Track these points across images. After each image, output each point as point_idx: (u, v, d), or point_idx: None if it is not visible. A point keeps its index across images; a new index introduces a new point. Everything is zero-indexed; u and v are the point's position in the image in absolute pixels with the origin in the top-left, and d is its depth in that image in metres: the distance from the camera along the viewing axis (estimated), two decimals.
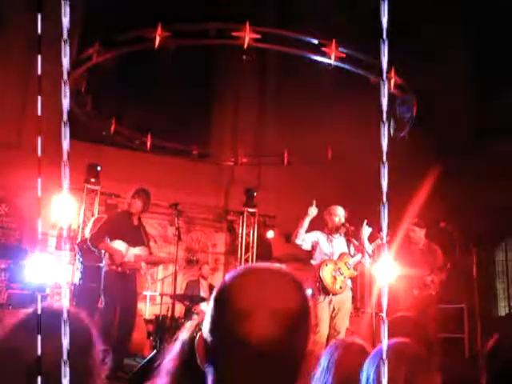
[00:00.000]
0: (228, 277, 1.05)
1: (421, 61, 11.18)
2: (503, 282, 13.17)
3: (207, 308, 1.04)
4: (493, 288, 13.19)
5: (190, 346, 1.10)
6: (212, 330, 1.00)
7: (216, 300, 1.02)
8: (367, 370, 1.66)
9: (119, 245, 5.88)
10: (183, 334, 1.37)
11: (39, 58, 1.05)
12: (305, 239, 6.12)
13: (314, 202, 6.10)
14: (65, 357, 0.98)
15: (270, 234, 11.99)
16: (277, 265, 1.05)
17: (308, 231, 6.16)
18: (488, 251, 13.02)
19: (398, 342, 1.69)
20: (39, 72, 1.04)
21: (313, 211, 6.07)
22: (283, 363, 0.96)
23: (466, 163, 12.13)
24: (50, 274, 9.52)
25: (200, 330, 1.05)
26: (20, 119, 11.02)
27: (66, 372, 0.99)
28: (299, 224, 6.08)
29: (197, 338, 1.05)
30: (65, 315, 1.00)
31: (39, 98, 1.04)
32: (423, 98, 9.00)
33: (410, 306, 6.95)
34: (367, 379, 1.63)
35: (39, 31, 1.03)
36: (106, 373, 1.39)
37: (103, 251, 5.88)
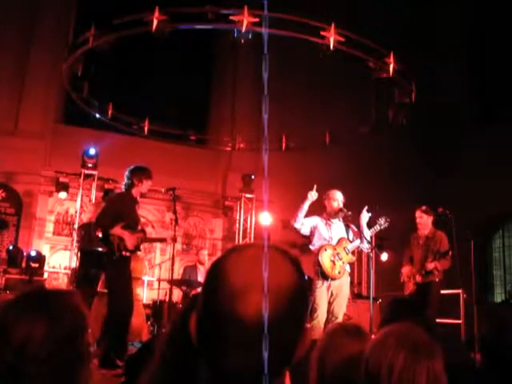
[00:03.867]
0: (221, 255, 1.03)
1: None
2: (499, 268, 13.23)
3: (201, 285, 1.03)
4: (489, 274, 13.26)
5: (182, 326, 1.08)
6: (205, 309, 0.98)
7: (209, 278, 1.00)
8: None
9: (128, 228, 5.76)
10: (175, 316, 1.37)
11: None
12: (303, 223, 6.11)
13: (315, 187, 6.08)
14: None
15: (268, 221, 11.97)
16: (272, 244, 1.03)
17: (307, 216, 6.16)
18: (485, 238, 13.07)
19: (399, 326, 1.68)
20: None
21: (313, 195, 6.05)
22: (278, 343, 0.94)
23: (464, 149, 12.13)
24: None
25: (193, 308, 1.03)
26: (17, 105, 10.97)
27: None
28: (299, 208, 6.07)
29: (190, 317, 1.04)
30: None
31: None
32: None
33: (412, 291, 6.99)
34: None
35: None
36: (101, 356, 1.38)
37: (111, 236, 5.62)
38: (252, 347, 0.91)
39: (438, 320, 7.23)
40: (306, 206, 6.07)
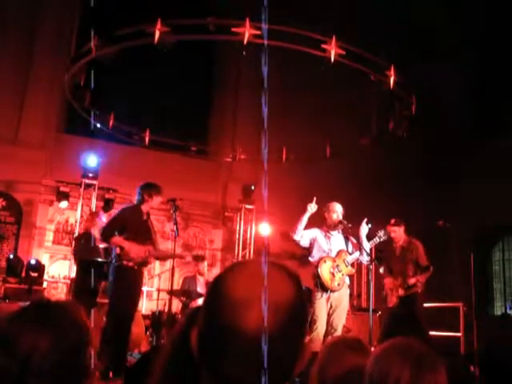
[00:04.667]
0: (223, 269, 1.05)
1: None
2: (500, 281, 13.20)
3: (202, 300, 1.04)
4: (489, 287, 13.23)
5: (183, 339, 1.09)
6: (207, 323, 0.99)
7: (210, 293, 1.02)
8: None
9: (133, 240, 5.84)
10: (175, 330, 1.37)
11: None
12: (303, 236, 6.12)
13: (315, 199, 6.09)
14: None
15: (266, 231, 12.00)
16: (272, 259, 1.05)
17: (307, 228, 6.16)
18: (485, 250, 13.06)
19: (402, 341, 1.68)
20: None
21: (312, 208, 6.06)
22: (278, 357, 0.95)
23: (463, 162, 12.14)
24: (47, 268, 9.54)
25: (193, 322, 1.04)
26: (18, 114, 11.00)
27: None
28: (298, 220, 6.08)
29: (191, 331, 1.05)
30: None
31: None
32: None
33: (395, 304, 6.96)
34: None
35: None
36: (101, 368, 1.38)
37: (114, 246, 5.78)
38: (253, 361, 0.92)
39: (438, 333, 7.22)
40: (305, 218, 6.08)
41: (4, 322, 1.21)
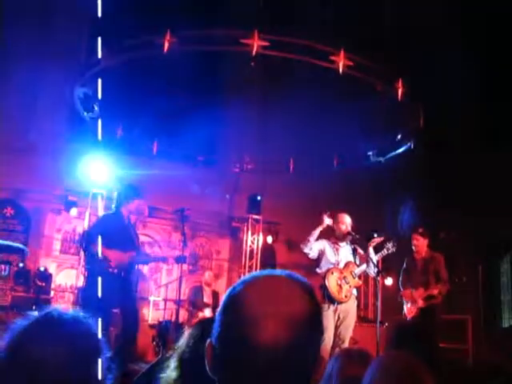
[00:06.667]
0: (237, 283, 1.04)
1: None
2: (508, 293, 13.12)
3: (215, 314, 1.04)
4: (497, 299, 13.14)
5: (192, 352, 1.09)
6: (221, 337, 0.99)
7: (225, 307, 1.01)
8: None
9: (113, 246, 5.78)
10: (182, 344, 1.36)
11: None
12: (312, 248, 6.11)
13: (328, 213, 6.11)
14: None
15: (269, 240, 12.01)
16: (286, 271, 1.04)
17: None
18: (493, 262, 12.99)
19: (387, 355, 1.69)
20: None
21: (327, 221, 6.08)
22: (293, 370, 0.95)
23: (472, 171, 12.09)
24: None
25: (203, 335, 1.04)
26: (28, 123, 11.05)
27: None
28: (310, 234, 6.07)
29: (205, 345, 1.04)
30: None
31: None
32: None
33: (415, 315, 6.96)
34: None
35: None
36: (111, 382, 1.38)
37: (96, 253, 5.71)
38: (268, 375, 0.92)
39: (445, 345, 7.18)
40: (317, 232, 6.09)
41: (16, 332, 1.22)
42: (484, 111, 12.97)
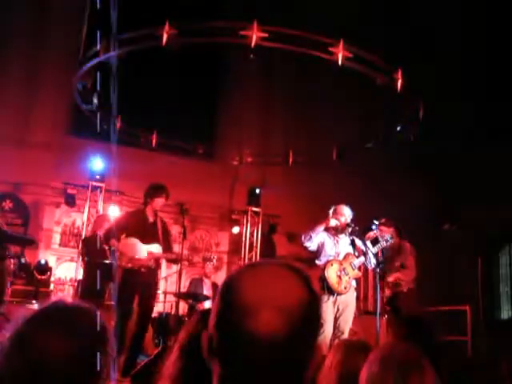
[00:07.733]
0: (234, 272, 1.04)
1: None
2: (507, 285, 13.14)
3: (212, 304, 1.03)
4: (496, 291, 13.16)
5: (192, 344, 1.09)
6: (218, 326, 0.99)
7: (221, 295, 1.01)
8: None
9: (133, 242, 5.88)
10: (182, 336, 1.36)
11: None
12: (313, 241, 6.12)
13: (334, 215, 6.13)
14: None
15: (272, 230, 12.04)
16: (283, 261, 1.04)
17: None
18: (492, 254, 13.00)
19: (386, 345, 1.70)
20: None
21: (332, 222, 6.09)
22: (290, 358, 0.94)
23: (471, 165, 12.08)
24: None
25: (203, 326, 1.04)
26: (26, 116, 11.03)
27: None
28: (314, 229, 6.07)
29: (201, 334, 1.04)
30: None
31: None
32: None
33: (382, 306, 6.94)
34: None
35: None
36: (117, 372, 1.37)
37: (113, 249, 5.90)
38: (264, 364, 0.92)
39: (443, 337, 7.15)
40: (321, 229, 6.10)
41: (20, 323, 1.21)
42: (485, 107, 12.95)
